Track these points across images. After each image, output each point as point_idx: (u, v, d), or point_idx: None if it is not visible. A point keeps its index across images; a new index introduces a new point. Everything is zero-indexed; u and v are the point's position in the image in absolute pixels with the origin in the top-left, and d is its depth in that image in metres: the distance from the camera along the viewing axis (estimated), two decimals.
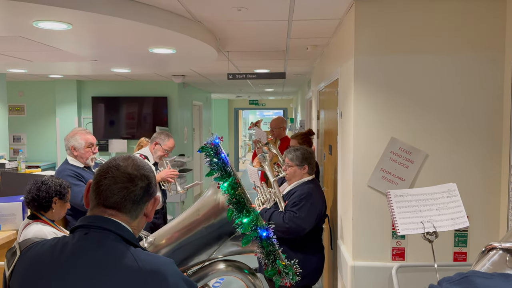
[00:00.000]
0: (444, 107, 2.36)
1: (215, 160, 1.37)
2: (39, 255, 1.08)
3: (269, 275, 1.34)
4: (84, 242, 1.06)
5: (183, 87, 7.42)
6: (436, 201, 1.70)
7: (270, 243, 1.33)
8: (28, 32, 2.78)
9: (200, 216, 1.41)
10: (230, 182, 1.32)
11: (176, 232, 1.43)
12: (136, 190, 1.12)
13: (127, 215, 1.13)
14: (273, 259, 1.34)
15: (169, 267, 1.08)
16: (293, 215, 2.67)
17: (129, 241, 1.09)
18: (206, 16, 2.80)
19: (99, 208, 1.11)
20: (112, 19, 2.46)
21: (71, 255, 1.05)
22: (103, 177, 1.11)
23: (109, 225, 1.09)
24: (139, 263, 1.04)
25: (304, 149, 2.92)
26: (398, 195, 1.76)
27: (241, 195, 1.32)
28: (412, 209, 1.70)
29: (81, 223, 1.11)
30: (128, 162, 1.14)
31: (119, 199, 1.10)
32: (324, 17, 2.80)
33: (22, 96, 7.10)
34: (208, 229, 1.39)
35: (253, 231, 1.31)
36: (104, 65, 4.69)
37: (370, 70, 2.39)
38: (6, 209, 2.69)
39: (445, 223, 1.65)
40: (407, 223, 1.68)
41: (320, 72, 4.52)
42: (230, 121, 13.76)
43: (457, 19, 2.32)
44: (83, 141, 3.12)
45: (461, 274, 0.87)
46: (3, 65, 4.67)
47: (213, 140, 1.40)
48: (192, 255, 1.41)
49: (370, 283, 2.43)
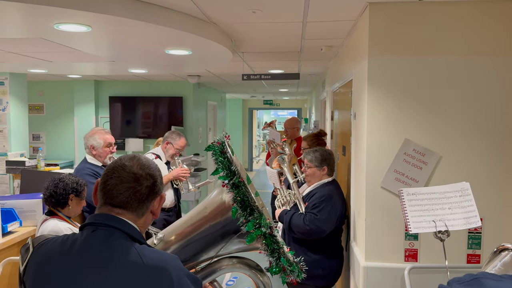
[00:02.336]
0: (458, 109, 2.35)
1: (220, 158, 1.39)
2: (50, 251, 1.12)
3: (274, 273, 1.36)
4: (91, 239, 1.10)
5: (198, 87, 7.48)
6: (448, 200, 1.70)
7: (274, 241, 1.34)
8: (49, 34, 2.86)
9: (207, 214, 1.45)
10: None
11: (185, 229, 1.47)
12: (142, 189, 1.15)
13: (134, 213, 1.16)
14: (277, 257, 1.35)
15: (173, 263, 1.11)
16: (314, 217, 2.69)
17: (135, 238, 1.13)
18: (221, 18, 2.84)
19: (106, 207, 1.15)
20: (129, 22, 2.52)
21: (79, 251, 1.09)
22: (110, 177, 1.15)
23: (116, 223, 1.12)
24: (144, 259, 1.07)
25: (323, 150, 2.93)
26: (411, 193, 1.77)
27: (245, 193, 1.34)
28: (424, 207, 1.71)
29: (89, 221, 1.15)
30: (134, 162, 1.17)
31: (125, 199, 1.14)
32: (338, 19, 2.81)
33: (42, 95, 7.26)
34: (215, 227, 1.42)
35: (256, 229, 1.32)
36: (122, 65, 4.78)
37: (384, 71, 2.40)
38: (27, 206, 2.77)
39: (457, 222, 1.65)
40: (419, 221, 1.68)
41: (334, 73, 4.52)
42: (245, 121, 13.81)
43: (472, 21, 2.31)
44: (102, 141, 3.20)
45: (471, 276, 0.88)
46: (24, 66, 4.80)
47: (219, 139, 1.43)
48: (201, 251, 1.44)
49: (382, 284, 2.44)
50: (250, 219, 1.33)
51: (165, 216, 3.67)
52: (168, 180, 3.69)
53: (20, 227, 2.74)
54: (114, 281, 1.04)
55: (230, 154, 1.41)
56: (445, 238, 1.66)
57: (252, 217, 1.33)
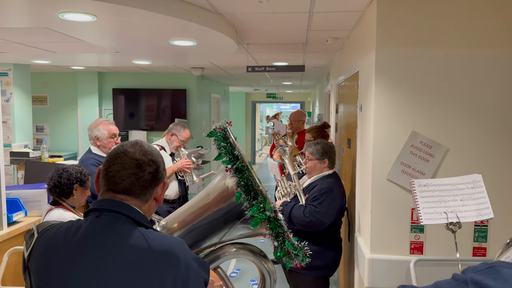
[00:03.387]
0: (466, 102, 2.33)
1: (222, 144, 1.37)
2: (55, 237, 1.12)
3: (278, 257, 1.35)
4: (95, 225, 1.10)
5: (201, 80, 7.46)
6: (460, 192, 1.69)
7: (278, 225, 1.33)
8: (53, 23, 2.84)
9: (210, 200, 1.43)
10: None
11: (187, 216, 1.46)
12: (145, 176, 1.14)
13: (137, 199, 1.15)
14: (281, 241, 1.33)
15: (180, 247, 1.10)
16: (314, 209, 2.70)
17: (140, 223, 1.12)
18: (227, 9, 2.82)
19: (108, 193, 1.14)
20: (134, 11, 2.50)
21: (84, 237, 1.08)
22: (112, 163, 1.13)
23: (120, 208, 1.11)
24: (150, 243, 1.06)
25: (325, 143, 2.93)
26: (422, 184, 1.76)
27: (249, 178, 1.32)
28: (436, 199, 1.69)
29: (93, 207, 1.14)
30: (136, 148, 1.16)
31: (128, 185, 1.13)
32: (345, 9, 2.78)
33: (45, 87, 7.25)
34: (218, 213, 1.40)
35: (261, 213, 1.31)
36: (126, 57, 4.76)
37: (392, 63, 2.37)
38: (32, 196, 2.78)
39: (469, 214, 1.64)
40: (430, 213, 1.67)
41: (339, 65, 4.49)
42: (248, 114, 13.79)
43: (482, 13, 2.28)
44: (106, 132, 3.20)
45: (487, 264, 0.87)
46: (28, 56, 4.79)
47: (221, 125, 1.41)
48: (204, 238, 1.43)
49: (387, 276, 2.44)
50: (254, 203, 1.31)
51: (169, 207, 3.67)
52: (173, 171, 3.69)
53: (25, 217, 2.75)
54: (120, 266, 1.04)
55: (233, 139, 1.39)
56: (456, 229, 1.65)
57: (256, 201, 1.31)
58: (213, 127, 1.46)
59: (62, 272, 1.06)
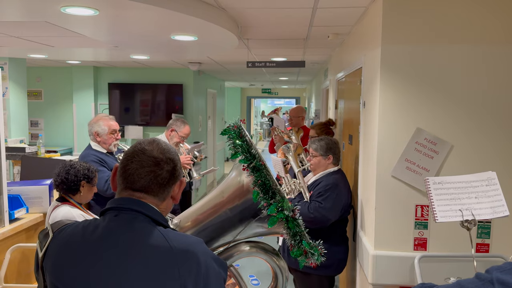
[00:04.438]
0: (472, 99, 2.34)
1: (238, 142, 1.36)
2: (71, 237, 1.10)
3: (295, 256, 1.35)
4: (114, 224, 1.09)
5: (198, 75, 7.42)
6: (475, 189, 1.69)
7: (296, 224, 1.33)
8: (54, 17, 2.80)
9: (224, 198, 1.42)
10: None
11: (201, 214, 1.45)
12: (163, 174, 1.14)
13: (155, 197, 1.14)
14: (299, 240, 1.34)
15: (199, 246, 1.10)
16: (318, 205, 2.69)
17: (159, 222, 1.11)
18: (231, 4, 2.79)
19: (126, 191, 1.13)
20: (138, 5, 2.47)
21: (102, 236, 1.07)
22: (130, 161, 1.13)
23: (138, 206, 1.10)
24: (170, 243, 1.05)
25: (329, 139, 2.92)
26: (437, 182, 1.76)
27: (267, 176, 1.32)
28: (450, 196, 1.70)
29: (110, 205, 1.13)
30: (154, 146, 1.16)
31: (146, 183, 1.12)
32: (349, 5, 2.77)
33: (40, 81, 7.16)
34: (232, 211, 1.40)
35: (279, 212, 1.30)
36: (124, 51, 4.71)
37: (397, 59, 2.37)
38: (33, 192, 2.74)
39: (484, 211, 1.65)
40: (445, 210, 1.68)
41: (339, 61, 4.49)
42: (243, 110, 13.76)
43: (490, 8, 2.28)
44: (107, 127, 3.16)
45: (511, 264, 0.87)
46: (24, 50, 4.72)
47: (235, 122, 1.40)
48: (217, 236, 1.42)
49: (391, 272, 2.45)
50: (272, 202, 1.30)
51: None
52: None
53: (27, 213, 2.72)
54: (140, 266, 1.02)
55: (249, 137, 1.39)
56: (472, 227, 1.66)
57: (274, 200, 1.31)
58: (211, 126, 1.44)
59: (81, 271, 1.05)
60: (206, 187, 8.29)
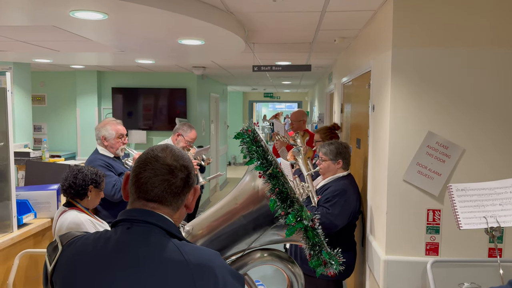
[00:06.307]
0: (483, 102, 2.32)
1: (253, 148, 1.31)
2: (82, 250, 1.06)
3: (314, 266, 1.30)
4: (127, 237, 1.04)
5: (201, 79, 7.42)
6: (499, 196, 1.67)
7: (315, 234, 1.28)
8: (63, 22, 2.79)
9: (238, 205, 1.36)
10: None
11: (214, 221, 1.39)
12: (177, 182, 1.09)
13: (169, 207, 1.10)
14: (318, 250, 1.29)
15: (216, 260, 1.06)
16: (326, 211, 2.66)
17: (173, 234, 1.07)
18: (240, 7, 2.78)
19: (139, 201, 1.09)
20: (147, 9, 2.46)
21: (115, 250, 1.02)
22: (143, 169, 1.08)
23: (152, 218, 1.06)
24: (186, 257, 1.01)
25: (339, 143, 2.89)
26: (460, 189, 1.74)
27: (284, 184, 1.26)
28: (474, 203, 1.68)
29: (122, 217, 1.08)
30: (167, 153, 1.11)
31: (160, 192, 1.07)
32: (358, 9, 2.76)
33: (43, 86, 7.16)
34: (247, 218, 1.34)
35: (298, 222, 1.25)
36: (130, 55, 4.70)
37: (408, 63, 2.36)
38: (41, 198, 2.72)
39: (509, 218, 1.63)
40: (469, 217, 1.65)
41: (345, 65, 4.48)
42: (245, 114, 13.76)
43: (500, 12, 2.27)
44: (114, 132, 3.15)
45: None
46: (29, 55, 4.71)
47: (249, 126, 1.34)
48: (231, 244, 1.37)
49: (402, 277, 2.42)
50: (290, 211, 1.26)
51: None
52: None
53: (35, 218, 2.69)
54: (155, 281, 0.98)
55: (264, 143, 1.34)
56: (497, 234, 1.63)
57: (292, 209, 1.27)
58: (214, 131, 1.40)
59: (93, 286, 1.01)
60: (209, 191, 8.27)
